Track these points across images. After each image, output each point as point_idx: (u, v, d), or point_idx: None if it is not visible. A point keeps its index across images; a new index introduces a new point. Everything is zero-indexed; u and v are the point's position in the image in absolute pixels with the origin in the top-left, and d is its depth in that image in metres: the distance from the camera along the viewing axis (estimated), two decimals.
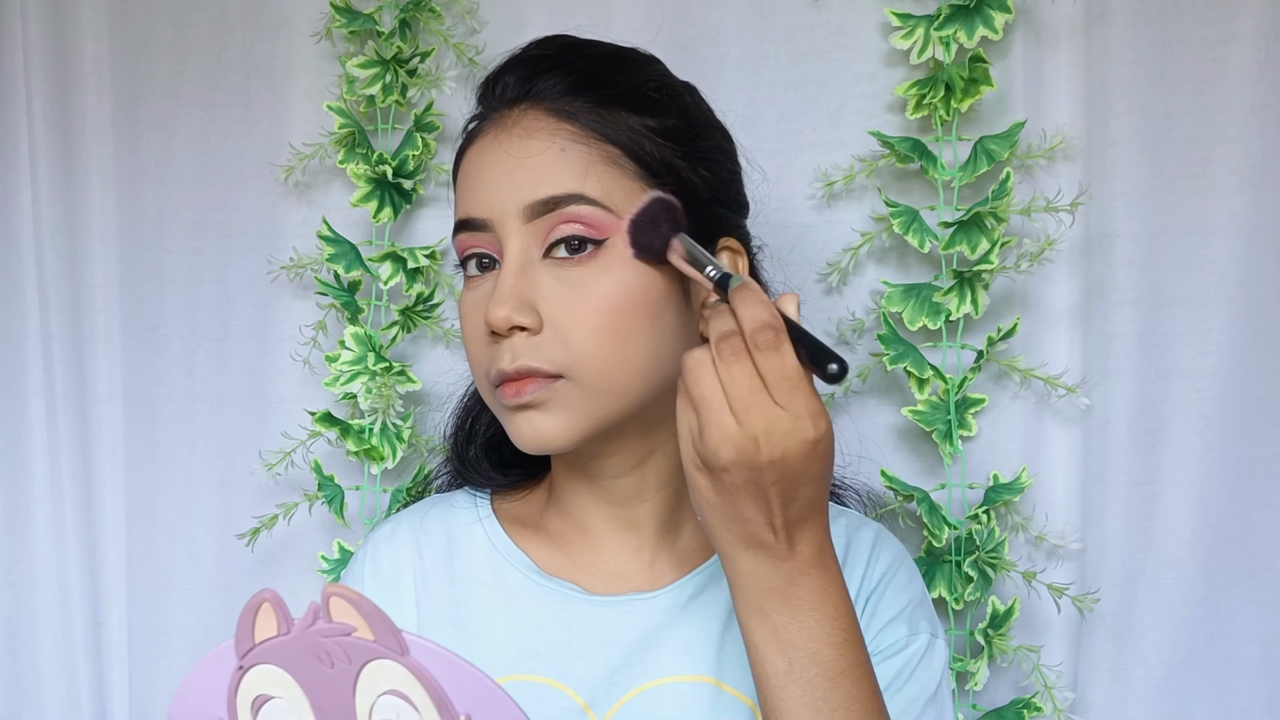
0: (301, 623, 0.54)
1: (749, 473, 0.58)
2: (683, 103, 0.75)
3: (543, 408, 0.69)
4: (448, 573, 0.78)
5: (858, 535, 0.78)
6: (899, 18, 0.97)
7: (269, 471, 1.04)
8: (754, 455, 0.58)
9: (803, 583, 0.61)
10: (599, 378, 0.68)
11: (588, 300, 0.68)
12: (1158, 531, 1.00)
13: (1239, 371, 0.99)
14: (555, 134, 0.70)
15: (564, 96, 0.71)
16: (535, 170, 0.69)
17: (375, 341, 1.03)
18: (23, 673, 1.15)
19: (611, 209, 0.68)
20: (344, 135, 1.04)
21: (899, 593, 0.76)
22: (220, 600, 1.11)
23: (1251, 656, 1.01)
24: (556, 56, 0.74)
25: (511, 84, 0.73)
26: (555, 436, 0.69)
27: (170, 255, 1.11)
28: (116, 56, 1.11)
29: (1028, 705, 0.98)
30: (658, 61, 0.78)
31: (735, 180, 0.79)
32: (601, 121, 0.70)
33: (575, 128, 0.70)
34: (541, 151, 0.69)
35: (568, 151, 0.69)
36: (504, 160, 0.70)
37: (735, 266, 0.76)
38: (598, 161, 0.69)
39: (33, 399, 1.13)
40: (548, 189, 0.68)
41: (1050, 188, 0.97)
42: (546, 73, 0.72)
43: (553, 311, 0.68)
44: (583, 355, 0.68)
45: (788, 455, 0.58)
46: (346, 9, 1.03)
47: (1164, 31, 0.98)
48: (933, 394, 0.98)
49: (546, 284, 0.68)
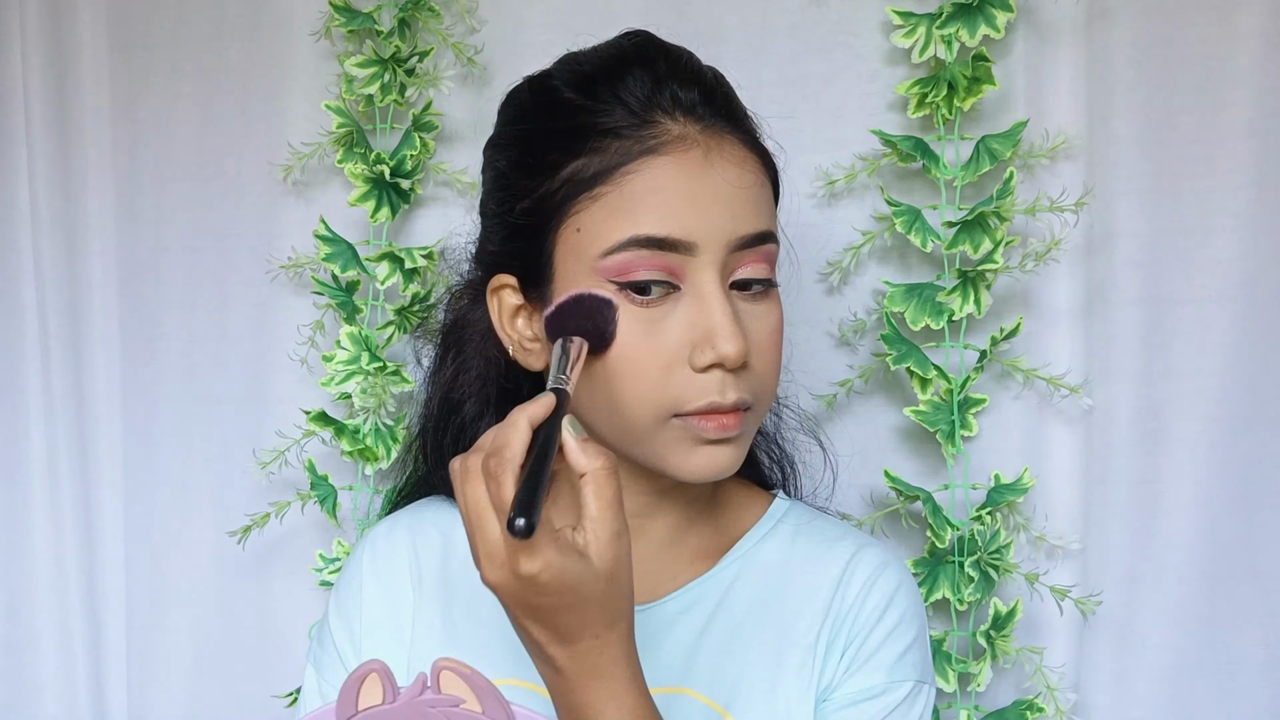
0: (409, 692, 0.54)
1: (498, 592, 0.58)
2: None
3: (733, 442, 0.69)
4: (442, 573, 0.78)
5: (858, 559, 0.76)
6: (900, 16, 0.96)
7: (263, 470, 1.04)
8: (484, 576, 0.58)
9: (581, 695, 0.60)
10: (765, 410, 0.72)
11: (771, 335, 0.70)
12: (1160, 532, 1.00)
13: (1242, 371, 0.99)
14: (756, 167, 0.70)
15: (741, 126, 0.72)
16: (749, 203, 0.69)
17: (371, 341, 1.03)
18: (21, 672, 1.15)
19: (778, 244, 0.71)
20: (342, 135, 1.03)
21: (886, 636, 0.74)
22: (217, 600, 1.11)
23: (1254, 658, 1.01)
24: (711, 71, 0.73)
25: (700, 102, 0.70)
26: (731, 466, 0.70)
27: (168, 255, 1.11)
28: (115, 56, 1.11)
29: (1030, 707, 0.98)
30: None
31: None
32: (765, 156, 0.72)
33: (760, 161, 0.71)
34: (751, 185, 0.69)
35: (765, 187, 0.71)
36: (719, 186, 0.68)
37: None
38: (771, 198, 0.72)
39: (31, 398, 1.13)
40: (755, 224, 0.69)
41: (1052, 187, 0.97)
42: (723, 90, 0.72)
43: (753, 345, 0.68)
44: (767, 390, 0.71)
45: (505, 584, 0.57)
46: (345, 8, 1.02)
47: (1166, 30, 0.97)
48: (935, 394, 0.97)
49: (744, 318, 0.68)
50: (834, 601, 0.74)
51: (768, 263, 0.70)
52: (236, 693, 1.11)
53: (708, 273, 0.67)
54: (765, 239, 0.69)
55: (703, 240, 0.67)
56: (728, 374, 0.67)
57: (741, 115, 0.73)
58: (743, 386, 0.68)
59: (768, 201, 0.71)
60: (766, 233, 0.69)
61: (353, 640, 0.77)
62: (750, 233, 0.68)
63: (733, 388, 0.67)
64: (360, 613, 0.78)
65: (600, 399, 0.69)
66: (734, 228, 0.68)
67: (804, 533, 0.78)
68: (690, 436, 0.68)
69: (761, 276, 0.69)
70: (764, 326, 0.69)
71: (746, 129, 0.72)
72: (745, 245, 0.68)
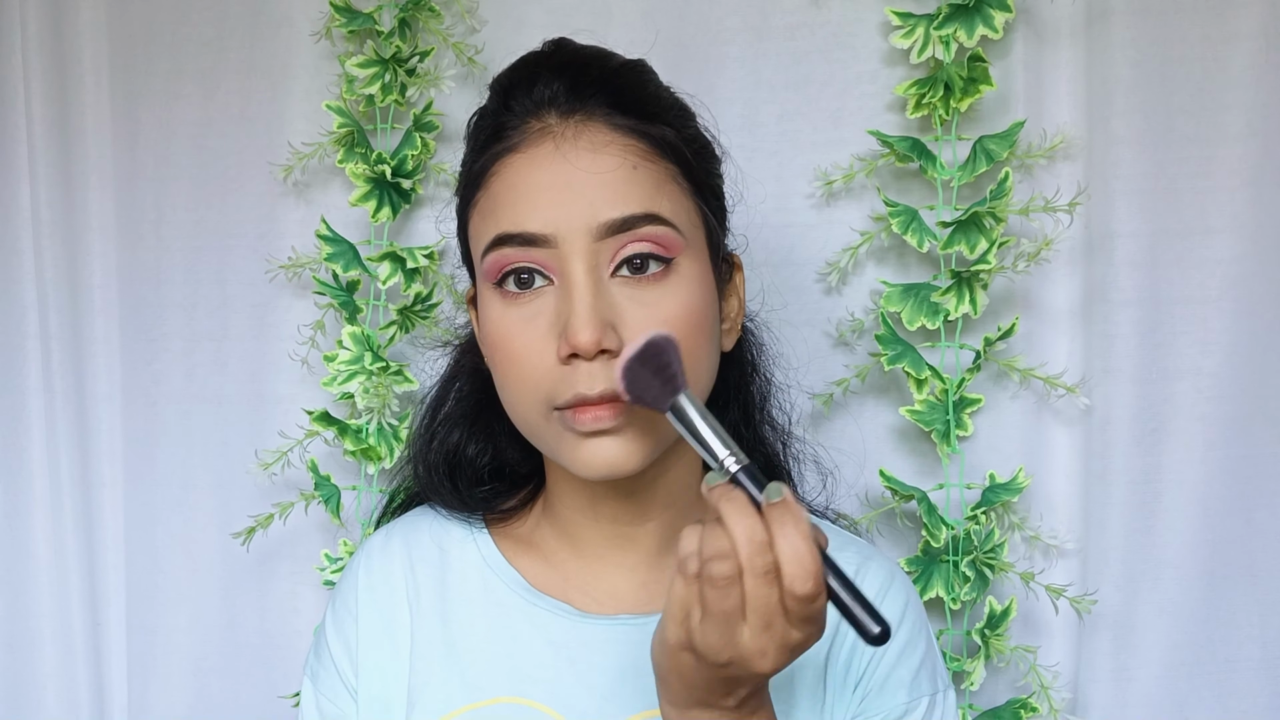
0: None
1: (737, 669, 0.58)
2: (691, 113, 0.75)
3: (618, 434, 0.66)
4: (439, 587, 0.77)
5: (864, 575, 0.76)
6: (899, 17, 0.96)
7: (265, 471, 1.04)
8: (749, 663, 0.58)
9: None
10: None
11: (664, 320, 0.66)
12: (1158, 531, 1.00)
13: (1240, 371, 0.99)
14: (625, 150, 0.68)
15: (617, 110, 0.69)
16: (609, 187, 0.67)
17: (373, 341, 1.03)
18: (22, 672, 1.15)
19: (679, 228, 0.68)
20: (343, 134, 1.03)
21: (904, 651, 0.74)
22: (218, 600, 1.11)
23: (1252, 656, 1.01)
24: (596, 64, 0.72)
25: (561, 92, 0.69)
26: (628, 463, 0.67)
27: (169, 255, 1.11)
28: (116, 56, 1.11)
29: (1024, 705, 0.98)
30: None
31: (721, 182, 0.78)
32: (660, 136, 0.69)
33: (641, 144, 0.68)
34: (614, 168, 0.67)
35: (639, 170, 0.68)
36: (571, 175, 0.67)
37: (737, 281, 0.75)
38: (664, 180, 0.68)
39: (32, 398, 1.14)
40: (622, 208, 0.66)
41: (1050, 187, 0.97)
42: (597, 80, 0.70)
43: (631, 333, 0.66)
44: None
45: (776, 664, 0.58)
46: (346, 8, 1.03)
47: (1165, 31, 0.97)
48: (931, 394, 0.98)
49: (621, 304, 0.66)
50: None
51: (654, 243, 0.67)
52: (238, 693, 1.11)
53: (573, 262, 0.66)
54: (641, 221, 0.66)
55: (560, 231, 0.66)
56: (594, 363, 0.65)
57: (629, 100, 0.70)
58: (616, 376, 0.65)
59: (647, 183, 0.68)
60: (641, 215, 0.67)
61: (350, 658, 0.77)
62: (615, 218, 0.66)
63: (602, 378, 0.65)
64: (357, 630, 0.77)
65: (503, 401, 0.71)
66: (593, 214, 0.66)
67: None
68: (569, 430, 0.67)
69: (637, 253, 0.66)
70: (654, 312, 0.66)
71: (634, 112, 0.69)
72: (616, 230, 0.66)
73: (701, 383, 0.69)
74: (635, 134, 0.69)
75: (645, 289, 0.67)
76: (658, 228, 0.67)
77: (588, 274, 0.66)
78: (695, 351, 0.67)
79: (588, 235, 0.66)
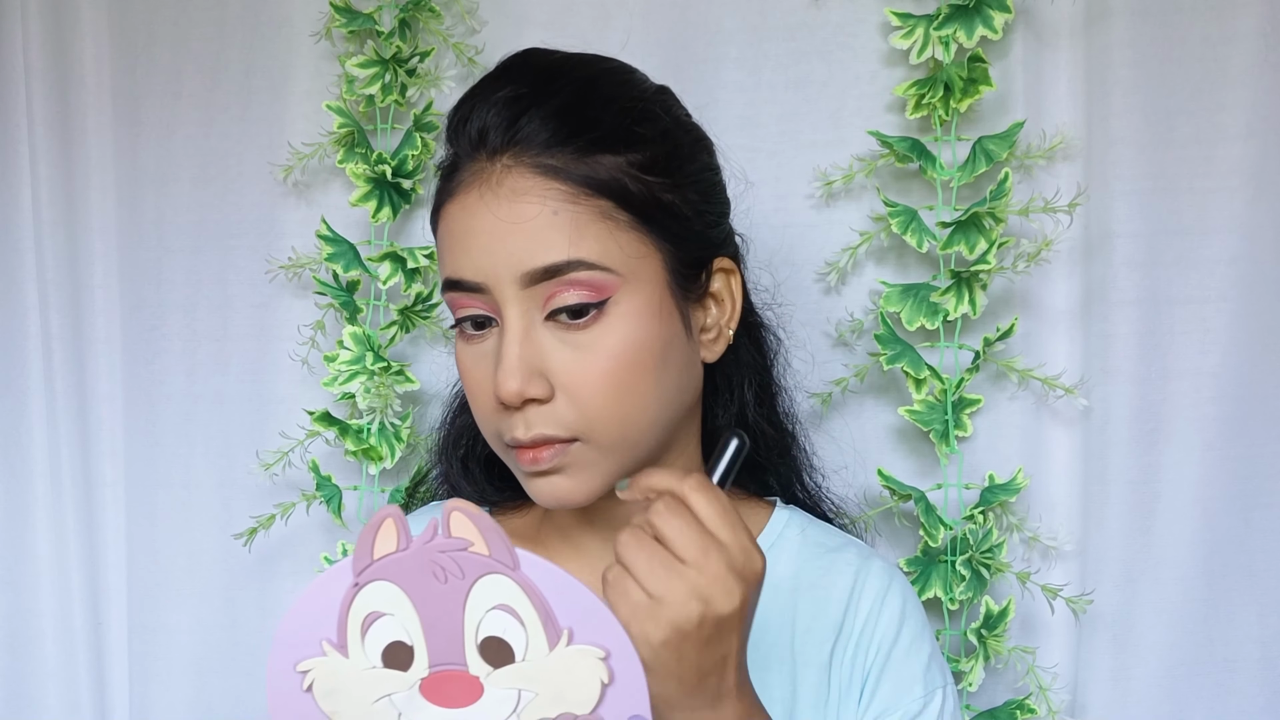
0: (420, 538, 0.55)
1: (710, 625, 0.59)
2: (663, 126, 0.72)
3: (562, 472, 0.68)
4: None
5: (865, 576, 0.76)
6: (899, 17, 0.97)
7: (266, 471, 1.04)
8: (715, 603, 0.58)
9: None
10: (615, 436, 0.68)
11: (596, 362, 0.66)
12: (1157, 532, 1.00)
13: (1239, 372, 0.99)
14: (545, 195, 0.66)
15: (547, 149, 0.67)
16: (529, 236, 0.66)
17: (374, 341, 1.03)
18: (23, 673, 1.15)
19: (610, 268, 0.67)
20: (343, 135, 1.04)
21: (912, 647, 0.75)
22: (220, 600, 1.12)
23: (1251, 657, 1.01)
24: (532, 94, 0.69)
25: (491, 132, 0.68)
26: (575, 496, 0.69)
27: (170, 255, 1.11)
28: (116, 57, 1.11)
29: (1021, 706, 0.98)
30: (630, 71, 0.75)
31: (720, 187, 0.77)
32: (589, 173, 0.67)
33: (565, 186, 0.66)
34: (533, 216, 0.66)
35: (560, 214, 0.66)
36: (494, 224, 0.66)
37: (728, 287, 0.75)
38: (590, 220, 0.67)
39: (33, 399, 1.14)
40: (543, 257, 0.66)
41: (1050, 188, 0.97)
42: (527, 116, 0.68)
43: (563, 377, 0.66)
44: (597, 418, 0.67)
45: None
46: (346, 9, 1.03)
47: (1164, 31, 0.97)
48: (929, 394, 0.98)
49: (552, 348, 0.67)
50: (845, 621, 0.75)
51: (581, 288, 0.66)
52: (239, 693, 1.11)
53: (508, 308, 0.67)
54: (560, 270, 0.66)
55: (488, 279, 0.67)
56: (525, 411, 0.67)
57: (565, 132, 0.68)
58: (550, 421, 0.66)
59: (568, 228, 0.66)
60: (560, 264, 0.65)
61: None
62: (535, 267, 0.66)
63: (537, 423, 0.67)
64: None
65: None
66: (518, 263, 0.66)
67: (807, 544, 0.79)
68: (517, 467, 0.70)
69: (565, 305, 0.66)
70: (585, 357, 0.66)
71: (570, 145, 0.67)
72: (541, 279, 0.66)
73: (650, 413, 0.69)
74: (560, 175, 0.67)
75: (577, 333, 0.67)
76: (582, 273, 0.66)
77: (519, 319, 0.67)
78: (636, 386, 0.67)
79: (515, 284, 0.66)
